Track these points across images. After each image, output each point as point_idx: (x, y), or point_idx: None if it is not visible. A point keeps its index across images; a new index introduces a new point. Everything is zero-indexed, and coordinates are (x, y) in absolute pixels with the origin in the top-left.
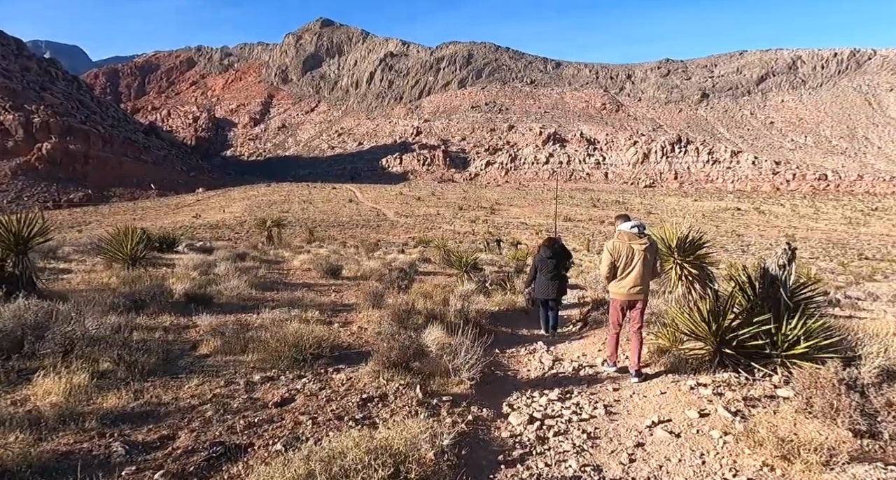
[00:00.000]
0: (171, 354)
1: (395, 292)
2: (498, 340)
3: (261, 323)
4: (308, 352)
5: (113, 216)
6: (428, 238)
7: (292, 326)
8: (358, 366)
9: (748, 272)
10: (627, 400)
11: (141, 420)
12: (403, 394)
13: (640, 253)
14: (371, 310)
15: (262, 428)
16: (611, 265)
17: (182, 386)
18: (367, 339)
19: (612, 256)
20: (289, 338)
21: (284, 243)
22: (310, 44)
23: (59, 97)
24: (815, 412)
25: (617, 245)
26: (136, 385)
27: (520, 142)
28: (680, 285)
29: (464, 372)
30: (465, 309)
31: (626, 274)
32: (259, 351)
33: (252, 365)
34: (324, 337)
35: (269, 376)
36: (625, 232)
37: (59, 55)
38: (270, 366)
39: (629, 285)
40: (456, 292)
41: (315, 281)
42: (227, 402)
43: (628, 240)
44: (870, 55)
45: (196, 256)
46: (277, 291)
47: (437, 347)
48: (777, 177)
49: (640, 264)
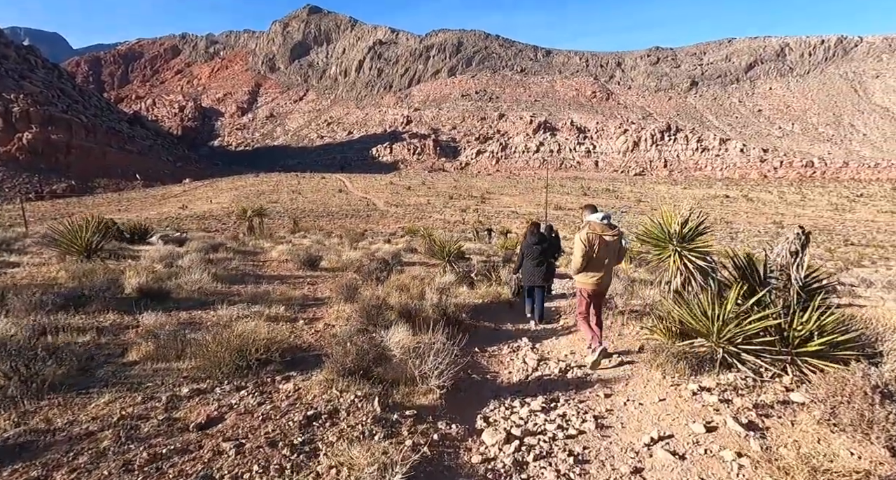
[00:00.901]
0: (92, 362)
1: (374, 284)
2: (478, 337)
3: (216, 320)
4: (254, 357)
5: (97, 207)
6: (416, 227)
7: (243, 326)
8: (312, 373)
9: (751, 260)
10: (621, 409)
11: (11, 456)
12: (358, 409)
13: (610, 244)
14: (343, 305)
15: (168, 463)
16: (585, 256)
17: (87, 405)
18: (332, 339)
19: (585, 247)
20: (233, 341)
21: (267, 233)
22: (297, 31)
23: (39, 85)
24: (842, 424)
25: (590, 236)
26: (28, 404)
27: (510, 131)
28: (678, 275)
29: (433, 378)
30: (442, 303)
31: (596, 264)
32: (197, 356)
33: (185, 375)
34: (277, 339)
35: (201, 388)
36: (595, 223)
37: (39, 42)
38: (206, 376)
39: (599, 275)
40: (434, 284)
41: (291, 273)
42: (136, 425)
43: (599, 230)
44: (856, 42)
45: (166, 248)
46: (246, 284)
47: (403, 350)
48: (765, 164)
49: (609, 254)
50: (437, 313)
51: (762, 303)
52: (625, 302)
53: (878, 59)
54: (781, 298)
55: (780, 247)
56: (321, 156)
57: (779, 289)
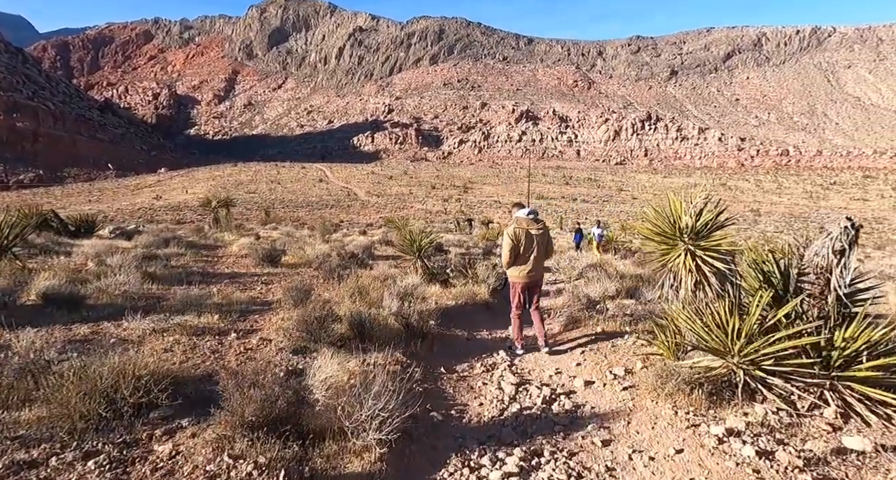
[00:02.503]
0: None
1: (335, 283)
2: (448, 349)
3: (126, 335)
4: (129, 401)
5: (67, 198)
6: (395, 218)
7: (131, 354)
8: (210, 422)
9: (778, 259)
10: (625, 467)
11: None
12: None
13: (537, 238)
14: (291, 311)
15: None
16: (512, 250)
17: None
18: (262, 360)
19: (513, 242)
20: (104, 377)
21: (235, 225)
22: (275, 17)
23: (2, 71)
24: None
25: (517, 231)
26: None
27: (493, 120)
28: (688, 279)
29: (370, 431)
30: (404, 311)
31: (526, 258)
32: (51, 401)
33: (20, 433)
34: (170, 370)
35: (27, 459)
36: (522, 218)
37: (2, 25)
38: (49, 434)
39: (528, 268)
40: (397, 286)
41: (247, 270)
42: None
43: (526, 225)
44: (830, 32)
45: (104, 243)
46: (190, 285)
47: (333, 390)
48: (742, 153)
49: (537, 248)
50: (400, 323)
51: (792, 315)
52: (617, 305)
53: (851, 50)
54: (816, 307)
55: (821, 245)
56: (301, 146)
57: (813, 297)
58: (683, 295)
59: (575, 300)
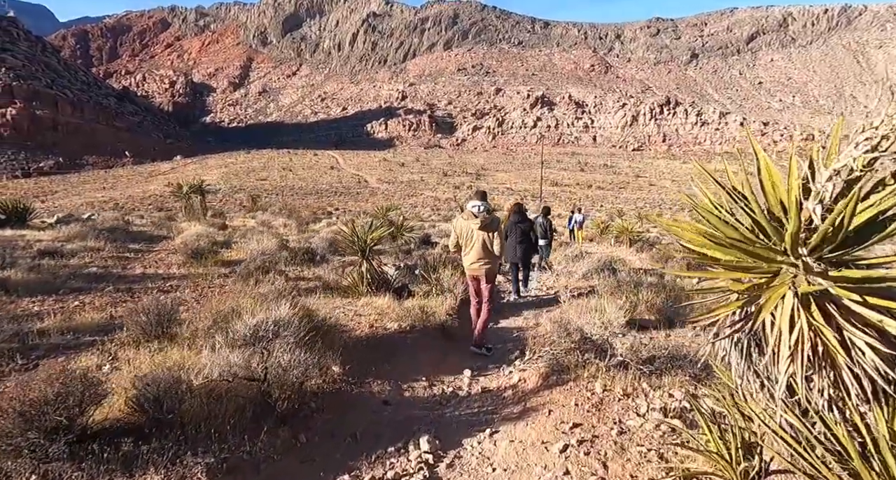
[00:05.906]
0: None
1: (246, 289)
2: (338, 429)
3: None
4: None
5: (82, 185)
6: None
7: None
8: None
9: None
10: None
11: None
12: None
13: (476, 233)
14: (136, 351)
15: None
16: (455, 240)
17: None
18: None
19: (455, 233)
20: None
21: (212, 213)
22: (289, 3)
23: (22, 59)
24: None
25: (459, 222)
26: None
27: (507, 106)
28: (798, 352)
29: None
30: (259, 366)
31: (469, 250)
32: None
33: None
34: None
35: None
36: (466, 210)
37: (24, 14)
38: None
39: (470, 260)
40: (281, 309)
41: (165, 270)
42: None
43: (465, 218)
44: (861, 10)
45: (24, 233)
46: (62, 294)
47: None
48: (765, 137)
49: (477, 242)
50: (253, 392)
51: None
52: (629, 344)
53: (882, 29)
54: None
55: None
56: (316, 133)
57: None
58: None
59: (563, 333)
